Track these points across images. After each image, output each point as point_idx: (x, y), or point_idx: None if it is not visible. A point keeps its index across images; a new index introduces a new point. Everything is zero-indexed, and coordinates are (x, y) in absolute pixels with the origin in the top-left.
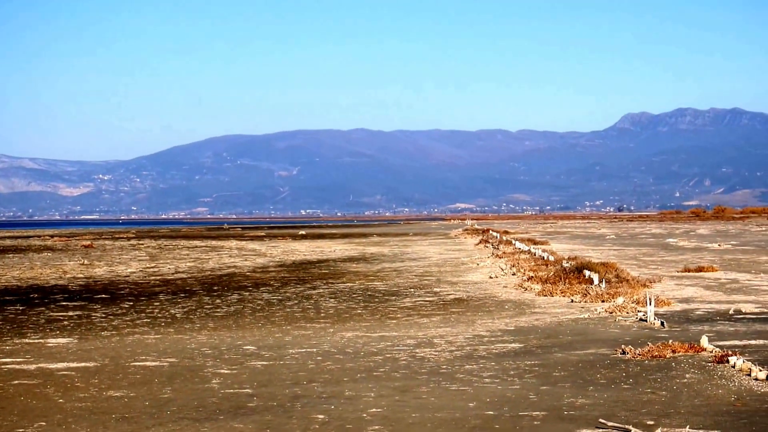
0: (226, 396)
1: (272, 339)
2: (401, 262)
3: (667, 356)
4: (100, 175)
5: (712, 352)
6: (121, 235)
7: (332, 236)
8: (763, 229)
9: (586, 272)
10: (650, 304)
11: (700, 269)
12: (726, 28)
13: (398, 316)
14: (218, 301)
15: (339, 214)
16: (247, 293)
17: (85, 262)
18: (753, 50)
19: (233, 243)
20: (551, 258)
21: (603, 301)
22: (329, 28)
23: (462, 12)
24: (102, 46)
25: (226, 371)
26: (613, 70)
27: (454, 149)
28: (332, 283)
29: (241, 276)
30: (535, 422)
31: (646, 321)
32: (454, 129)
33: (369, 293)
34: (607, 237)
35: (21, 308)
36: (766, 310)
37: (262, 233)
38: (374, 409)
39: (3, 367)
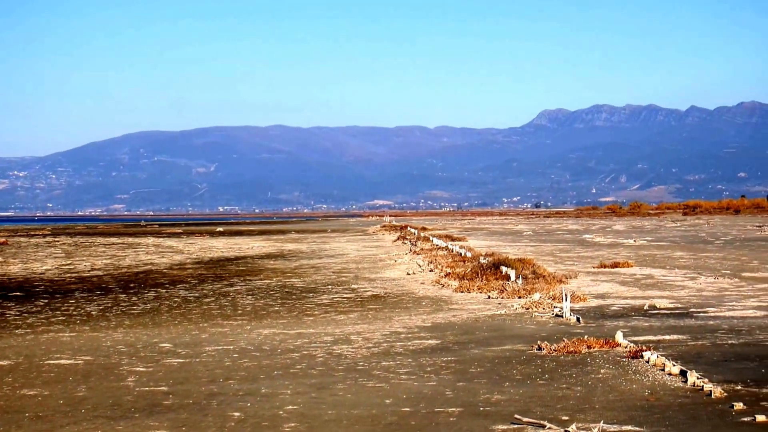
0: (141, 394)
1: (189, 336)
2: (319, 259)
3: (583, 352)
4: (15, 172)
5: (626, 347)
6: (37, 232)
7: (250, 233)
8: (678, 224)
9: (503, 268)
10: (566, 299)
11: (615, 265)
12: (641, 25)
13: (315, 313)
14: (134, 298)
15: (257, 210)
16: (164, 290)
17: (0, 259)
18: (668, 47)
19: (150, 240)
20: (468, 254)
21: (520, 297)
22: (246, 24)
23: (378, 8)
24: (16, 42)
25: (141, 369)
26: (530, 67)
27: (372, 146)
28: (249, 280)
29: (158, 273)
30: (451, 418)
31: (562, 317)
32: (372, 125)
33: (286, 290)
34: (525, 233)
35: None
36: (680, 306)
37: (179, 230)
38: (291, 407)
39: None
